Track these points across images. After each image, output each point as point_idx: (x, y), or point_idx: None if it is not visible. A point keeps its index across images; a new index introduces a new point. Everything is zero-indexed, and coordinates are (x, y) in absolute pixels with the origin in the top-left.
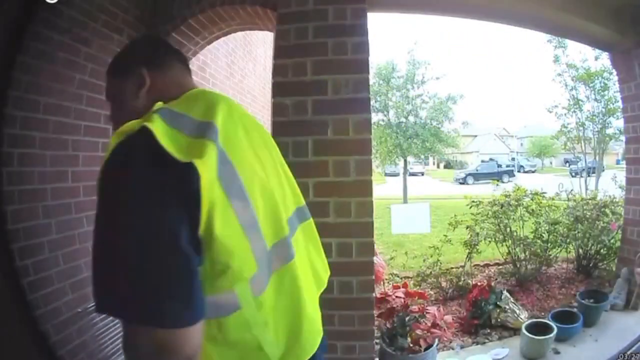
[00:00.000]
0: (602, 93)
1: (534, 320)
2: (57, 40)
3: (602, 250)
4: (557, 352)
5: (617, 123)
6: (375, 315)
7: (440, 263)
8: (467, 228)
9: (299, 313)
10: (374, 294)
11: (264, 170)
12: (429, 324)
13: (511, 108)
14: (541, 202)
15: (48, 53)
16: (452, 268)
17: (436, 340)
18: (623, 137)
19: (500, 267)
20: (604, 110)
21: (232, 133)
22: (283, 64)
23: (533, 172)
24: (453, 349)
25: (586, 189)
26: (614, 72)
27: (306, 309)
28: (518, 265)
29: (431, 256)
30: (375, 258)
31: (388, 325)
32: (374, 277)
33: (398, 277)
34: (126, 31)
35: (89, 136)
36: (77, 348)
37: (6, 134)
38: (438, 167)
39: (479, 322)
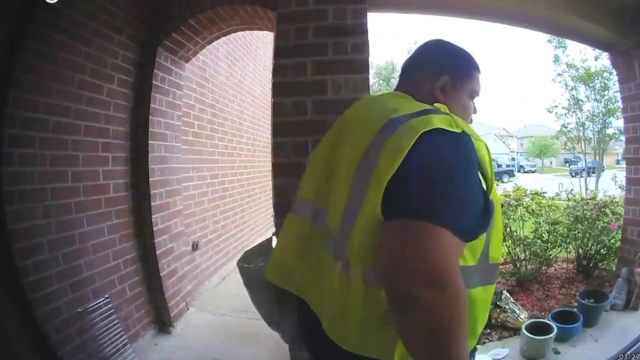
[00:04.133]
0: (602, 93)
1: (534, 320)
2: (57, 40)
3: (602, 250)
4: (557, 352)
5: (617, 123)
6: None
7: None
8: None
9: None
10: None
11: None
12: None
13: (511, 108)
14: (541, 202)
15: (48, 53)
16: None
17: None
18: (623, 137)
19: (500, 267)
20: (604, 110)
21: None
22: (283, 64)
23: (533, 172)
24: None
25: (586, 189)
26: (614, 72)
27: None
28: (518, 265)
29: None
30: None
31: None
32: None
33: None
34: (126, 31)
35: (89, 136)
36: (77, 348)
37: (6, 134)
38: None
39: None
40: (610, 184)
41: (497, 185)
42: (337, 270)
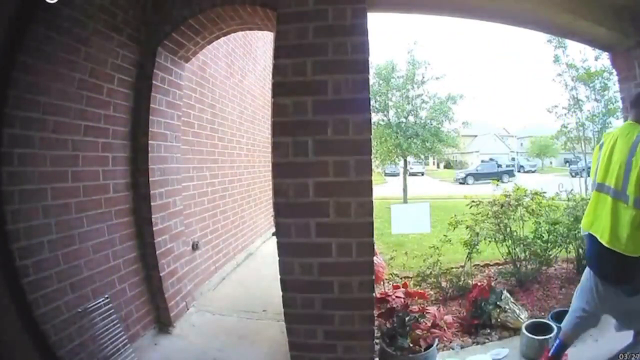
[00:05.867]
0: (602, 93)
1: (534, 320)
2: (57, 40)
3: None
4: None
5: (617, 123)
6: (375, 315)
7: (440, 263)
8: (467, 228)
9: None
10: (374, 294)
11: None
12: (429, 324)
13: (511, 108)
14: (541, 202)
15: (48, 53)
16: (452, 268)
17: (436, 340)
18: None
19: (500, 267)
20: (604, 110)
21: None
22: (283, 64)
23: (533, 172)
24: (453, 349)
25: (586, 189)
26: (614, 72)
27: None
28: (518, 265)
29: (431, 256)
30: (375, 258)
31: (388, 325)
32: (374, 277)
33: (398, 277)
34: (126, 31)
35: (89, 136)
36: (77, 348)
37: (6, 134)
38: (438, 167)
39: (479, 322)
40: None
41: (498, 185)
42: (621, 205)
